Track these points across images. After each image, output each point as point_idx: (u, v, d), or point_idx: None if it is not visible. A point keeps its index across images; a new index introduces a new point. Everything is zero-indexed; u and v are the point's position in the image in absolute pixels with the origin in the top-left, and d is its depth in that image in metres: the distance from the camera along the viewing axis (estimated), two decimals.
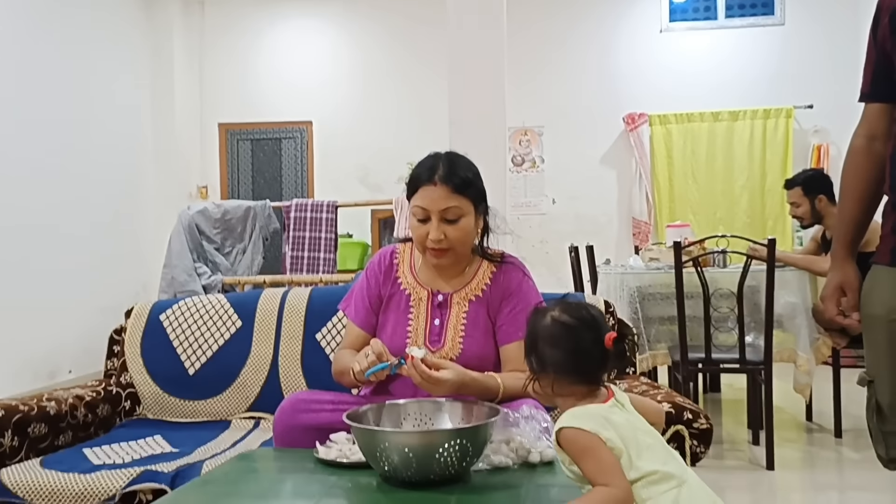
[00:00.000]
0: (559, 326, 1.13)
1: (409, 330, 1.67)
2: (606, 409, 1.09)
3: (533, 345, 1.14)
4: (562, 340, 1.12)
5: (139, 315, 2.29)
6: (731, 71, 5.88)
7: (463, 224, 1.61)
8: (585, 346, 1.11)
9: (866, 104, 1.46)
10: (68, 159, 4.85)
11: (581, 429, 1.04)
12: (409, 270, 1.74)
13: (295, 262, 4.54)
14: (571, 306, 1.15)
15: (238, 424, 2.10)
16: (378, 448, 1.17)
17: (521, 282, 1.69)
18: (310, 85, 6.38)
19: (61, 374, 4.67)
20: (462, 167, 1.62)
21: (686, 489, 1.05)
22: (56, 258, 4.68)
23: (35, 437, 1.85)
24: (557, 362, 1.11)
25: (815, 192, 3.46)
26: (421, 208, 1.60)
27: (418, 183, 1.61)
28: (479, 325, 1.65)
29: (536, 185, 6.19)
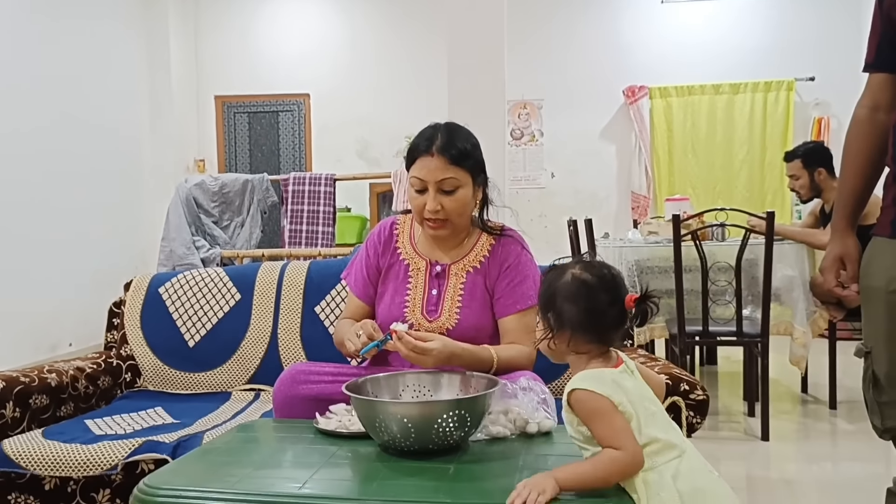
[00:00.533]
0: (580, 284, 1.13)
1: (406, 300, 1.68)
2: (617, 373, 1.11)
3: (551, 301, 1.14)
4: (582, 298, 1.12)
5: (138, 288, 2.29)
6: (732, 43, 5.82)
7: (460, 195, 1.60)
8: (605, 305, 1.12)
9: (870, 74, 1.44)
10: (64, 132, 4.82)
11: (593, 391, 1.05)
12: (408, 241, 1.75)
13: (293, 236, 4.53)
14: (592, 265, 1.16)
15: (238, 396, 2.12)
16: (377, 418, 1.18)
17: (520, 255, 1.69)
18: (307, 57, 6.31)
19: (62, 346, 4.69)
20: (460, 138, 1.62)
21: (686, 460, 1.07)
22: (54, 231, 4.67)
23: (36, 408, 1.86)
24: (575, 319, 1.12)
25: (815, 165, 3.45)
26: (418, 179, 1.60)
27: (416, 153, 1.61)
28: (476, 296, 1.66)
29: (535, 158, 6.16)
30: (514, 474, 1.11)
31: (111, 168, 5.32)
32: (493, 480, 1.10)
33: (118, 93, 5.46)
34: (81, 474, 1.62)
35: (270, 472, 1.18)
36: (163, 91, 5.89)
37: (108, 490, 1.67)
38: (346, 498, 1.07)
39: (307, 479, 1.12)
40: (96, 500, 1.68)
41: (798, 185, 3.52)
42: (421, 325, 1.64)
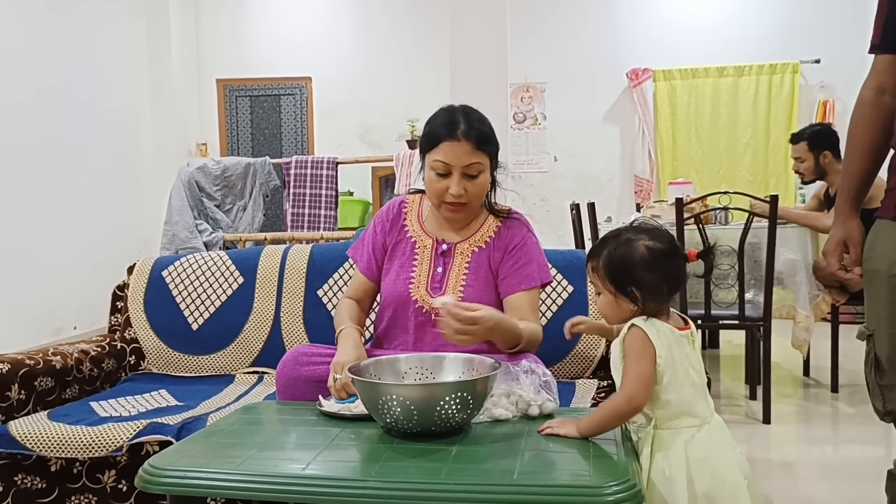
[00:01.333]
0: (657, 252, 1.20)
1: (412, 276, 1.70)
2: (679, 335, 1.19)
3: (627, 272, 1.19)
4: (660, 265, 1.19)
5: (141, 271, 2.30)
6: (736, 25, 5.76)
7: (481, 179, 1.63)
8: (681, 267, 1.22)
9: (876, 56, 1.43)
10: (66, 116, 4.81)
11: (647, 335, 1.15)
12: (416, 220, 1.77)
13: (296, 219, 4.53)
14: (657, 233, 1.23)
15: (242, 379, 2.13)
16: (380, 401, 1.19)
17: (525, 237, 1.71)
18: (309, 40, 6.27)
19: (66, 330, 4.71)
20: (481, 122, 1.63)
21: (706, 431, 1.15)
22: (57, 216, 4.67)
23: (42, 390, 1.87)
24: (655, 286, 1.18)
25: (821, 148, 3.43)
26: (443, 163, 1.60)
27: (439, 137, 1.60)
28: (481, 275, 1.68)
29: (538, 142, 6.14)
30: (516, 456, 1.12)
31: (113, 152, 5.31)
32: (495, 462, 1.11)
33: (119, 76, 5.43)
34: (87, 455, 1.63)
35: (274, 453, 1.19)
36: (164, 75, 5.86)
37: (114, 471, 1.69)
38: (350, 479, 1.07)
39: (310, 460, 1.13)
40: (102, 481, 1.70)
41: (803, 167, 3.50)
42: (425, 301, 1.66)
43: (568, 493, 1.00)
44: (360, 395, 1.25)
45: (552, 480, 1.04)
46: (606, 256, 1.22)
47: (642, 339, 1.15)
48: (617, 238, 1.23)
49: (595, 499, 0.98)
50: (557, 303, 2.07)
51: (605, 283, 1.22)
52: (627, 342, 1.17)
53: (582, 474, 1.05)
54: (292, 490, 1.06)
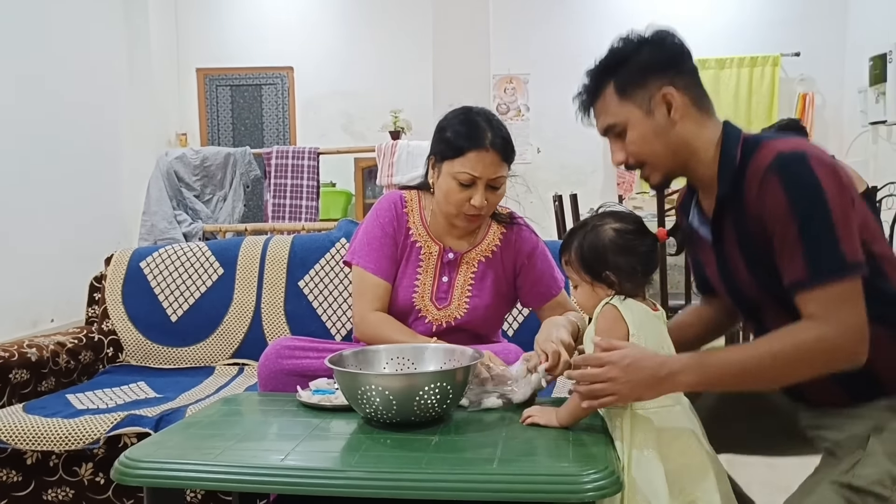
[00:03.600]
0: (626, 234, 1.18)
1: (416, 284, 1.64)
2: (653, 315, 1.18)
3: (601, 259, 1.18)
4: (631, 246, 1.18)
5: (119, 262, 2.26)
6: (718, 18, 5.79)
7: (502, 190, 1.59)
8: (652, 245, 1.20)
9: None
10: (43, 106, 4.71)
11: (621, 314, 1.14)
12: (420, 223, 1.67)
13: (277, 210, 4.50)
14: (621, 215, 1.22)
15: (222, 371, 2.11)
16: (359, 390, 1.18)
17: (537, 244, 1.69)
18: (291, 30, 6.20)
19: (43, 322, 4.64)
20: (504, 129, 1.58)
21: (679, 410, 1.15)
22: (33, 205, 4.59)
23: (17, 383, 1.85)
24: (629, 268, 1.17)
25: None
26: (470, 175, 1.51)
27: (464, 147, 1.52)
28: (487, 286, 1.64)
29: (521, 133, 6.13)
30: (496, 445, 1.12)
31: (90, 141, 5.22)
32: (475, 451, 1.11)
33: (96, 65, 5.34)
34: (63, 448, 1.61)
35: (253, 444, 1.18)
36: (143, 63, 5.76)
37: (91, 464, 1.67)
38: (329, 469, 1.07)
39: (290, 450, 1.12)
40: (79, 474, 1.68)
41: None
42: (429, 312, 1.62)
43: (547, 480, 1.00)
44: (340, 385, 1.25)
45: (532, 469, 1.04)
46: (577, 247, 1.21)
47: (615, 317, 1.15)
48: (584, 227, 1.22)
49: (574, 486, 0.98)
50: None
51: (580, 274, 1.22)
52: (600, 320, 1.16)
53: (561, 462, 1.05)
54: (271, 481, 1.05)
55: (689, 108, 1.18)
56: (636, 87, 1.19)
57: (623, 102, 1.20)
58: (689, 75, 1.21)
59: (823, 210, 1.03)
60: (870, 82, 4.85)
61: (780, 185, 1.06)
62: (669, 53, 1.21)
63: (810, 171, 1.05)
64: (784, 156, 1.07)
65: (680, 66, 1.21)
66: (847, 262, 1.04)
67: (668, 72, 1.19)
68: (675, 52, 1.22)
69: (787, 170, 1.06)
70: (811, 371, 1.07)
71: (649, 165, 1.22)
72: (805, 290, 1.06)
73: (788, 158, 1.07)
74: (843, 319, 1.03)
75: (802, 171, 1.05)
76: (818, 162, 1.06)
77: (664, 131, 1.18)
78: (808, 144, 1.11)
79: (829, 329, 1.04)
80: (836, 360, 1.06)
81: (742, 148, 1.16)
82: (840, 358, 1.05)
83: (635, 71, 1.20)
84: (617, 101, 1.21)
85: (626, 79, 1.20)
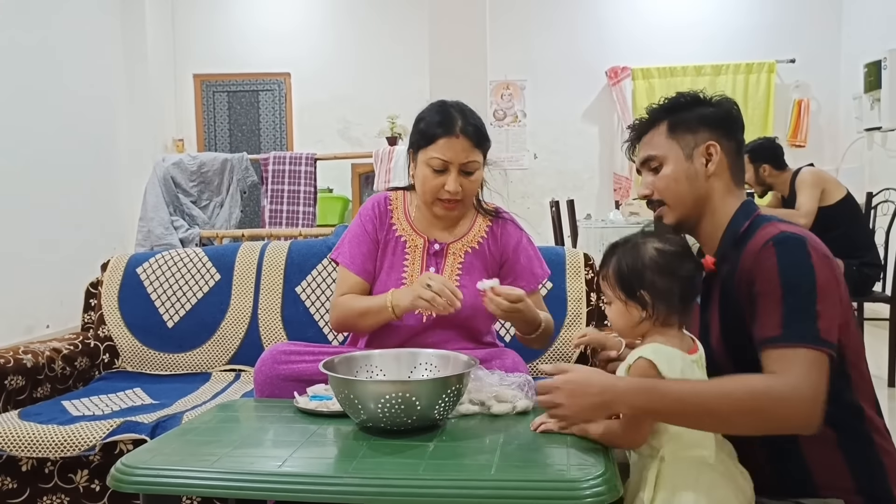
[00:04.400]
0: (668, 255, 1.15)
1: (403, 276, 1.67)
2: (689, 361, 1.13)
3: (638, 277, 1.14)
4: (674, 268, 1.14)
5: (115, 268, 2.26)
6: (714, 24, 5.82)
7: (477, 176, 1.63)
8: (693, 271, 1.16)
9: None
10: (40, 112, 4.71)
11: (656, 366, 1.09)
12: (404, 217, 1.72)
13: (274, 216, 4.50)
14: (667, 236, 1.19)
15: (218, 377, 2.11)
16: (353, 397, 1.18)
17: (520, 237, 1.73)
18: (288, 36, 6.21)
19: (38, 328, 4.63)
20: (477, 118, 1.63)
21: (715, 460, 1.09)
22: (29, 211, 4.58)
23: (12, 389, 1.84)
24: (667, 290, 1.13)
25: (760, 161, 3.55)
26: (441, 160, 1.58)
27: (435, 134, 1.58)
28: (474, 275, 1.66)
29: (518, 139, 6.15)
30: (494, 451, 1.12)
31: (88, 147, 5.22)
32: (472, 457, 1.11)
33: (94, 71, 5.34)
34: (59, 455, 1.60)
35: (250, 450, 1.17)
36: (140, 69, 5.76)
37: (87, 471, 1.66)
38: (326, 475, 1.06)
39: (287, 457, 1.11)
40: (74, 481, 1.67)
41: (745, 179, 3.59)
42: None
43: (546, 487, 1.00)
44: (334, 390, 1.24)
45: (530, 475, 1.03)
46: (615, 262, 1.18)
47: (649, 372, 1.09)
48: (626, 243, 1.19)
49: (573, 493, 0.98)
50: None
51: (614, 290, 1.17)
52: (633, 375, 1.11)
53: (559, 469, 1.05)
54: (268, 488, 1.05)
55: (725, 170, 1.26)
56: (686, 132, 1.26)
57: (669, 140, 1.27)
58: (735, 143, 1.28)
59: (810, 287, 1.07)
60: (865, 89, 4.87)
61: (776, 255, 1.10)
62: (727, 117, 1.29)
63: (806, 253, 1.09)
64: (786, 234, 1.12)
65: (732, 131, 1.28)
66: (820, 336, 1.05)
67: (718, 130, 1.26)
68: (732, 118, 1.29)
69: (785, 245, 1.11)
70: (757, 422, 1.05)
71: (669, 206, 1.28)
72: (773, 346, 1.07)
73: (789, 237, 1.11)
74: (801, 381, 1.03)
75: (799, 251, 1.10)
76: (816, 250, 1.11)
77: (695, 178, 1.25)
78: (815, 238, 1.14)
79: (786, 385, 1.04)
80: (783, 418, 1.04)
81: (751, 221, 1.21)
82: (789, 416, 1.03)
83: (692, 117, 1.27)
84: (665, 136, 1.28)
85: (680, 121, 1.27)
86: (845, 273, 3.13)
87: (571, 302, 2.07)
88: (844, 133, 5.46)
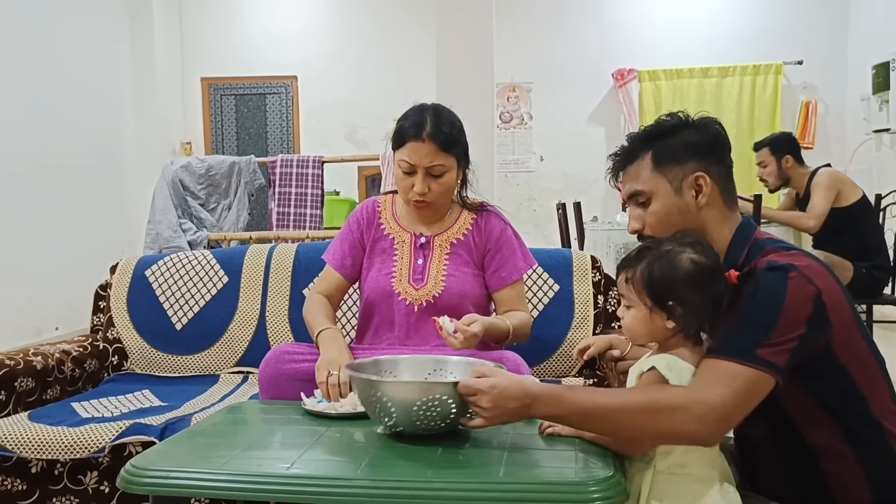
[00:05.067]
0: (705, 269, 1.10)
1: (393, 269, 1.73)
2: None
3: (669, 288, 1.10)
4: (707, 284, 1.10)
5: (124, 270, 2.27)
6: (721, 26, 5.80)
7: (446, 179, 1.67)
8: (724, 289, 1.12)
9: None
10: (48, 115, 4.74)
11: (667, 381, 1.08)
12: (391, 217, 1.80)
13: (281, 219, 4.51)
14: (704, 247, 1.14)
15: (226, 379, 2.12)
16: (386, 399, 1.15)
17: (504, 229, 1.76)
18: (295, 39, 6.24)
19: (48, 330, 4.65)
20: (448, 123, 1.66)
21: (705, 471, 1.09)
22: (38, 214, 4.61)
23: (22, 391, 1.85)
24: (699, 305, 1.09)
25: (782, 153, 3.52)
26: (408, 163, 1.65)
27: (405, 137, 1.65)
28: (461, 265, 1.72)
29: (524, 142, 6.15)
30: (502, 454, 1.12)
31: (96, 151, 5.25)
32: (480, 460, 1.11)
33: (101, 74, 5.37)
34: (68, 457, 1.61)
35: (258, 452, 1.18)
36: (148, 73, 5.79)
37: (96, 472, 1.67)
38: (335, 478, 1.07)
39: (295, 459, 1.12)
40: (84, 483, 1.68)
41: (766, 172, 3.60)
42: (408, 293, 1.69)
43: (553, 489, 1.00)
44: (360, 394, 1.23)
45: (538, 478, 1.04)
46: (645, 267, 1.12)
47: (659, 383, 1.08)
48: (658, 248, 1.13)
49: (580, 496, 0.98)
50: (544, 301, 2.07)
51: (640, 296, 1.12)
52: (643, 385, 1.11)
53: (567, 471, 1.05)
54: (276, 490, 1.05)
55: (717, 198, 1.22)
56: (673, 162, 1.22)
57: (656, 173, 1.22)
58: (724, 167, 1.25)
59: (771, 313, 1.05)
60: (873, 90, 4.85)
61: (755, 283, 1.09)
62: (712, 141, 1.25)
63: (784, 282, 1.07)
64: (772, 264, 1.10)
65: (719, 156, 1.25)
66: (756, 354, 1.04)
67: (706, 158, 1.22)
68: (718, 141, 1.25)
69: (766, 273, 1.09)
70: (652, 427, 1.06)
71: None
72: (707, 356, 1.09)
73: (775, 266, 1.10)
74: (707, 391, 1.03)
75: (778, 280, 1.08)
76: (799, 280, 1.07)
77: (687, 212, 1.21)
78: (806, 263, 1.10)
79: (689, 395, 1.04)
80: (677, 425, 1.03)
81: (748, 251, 1.18)
82: (682, 423, 1.03)
83: (677, 146, 1.22)
84: (650, 169, 1.23)
85: (665, 151, 1.23)
86: (854, 276, 3.16)
87: (579, 304, 2.06)
88: (852, 135, 5.43)
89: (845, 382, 1.10)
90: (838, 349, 1.10)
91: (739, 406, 1.04)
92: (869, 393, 1.13)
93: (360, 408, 1.33)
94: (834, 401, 1.11)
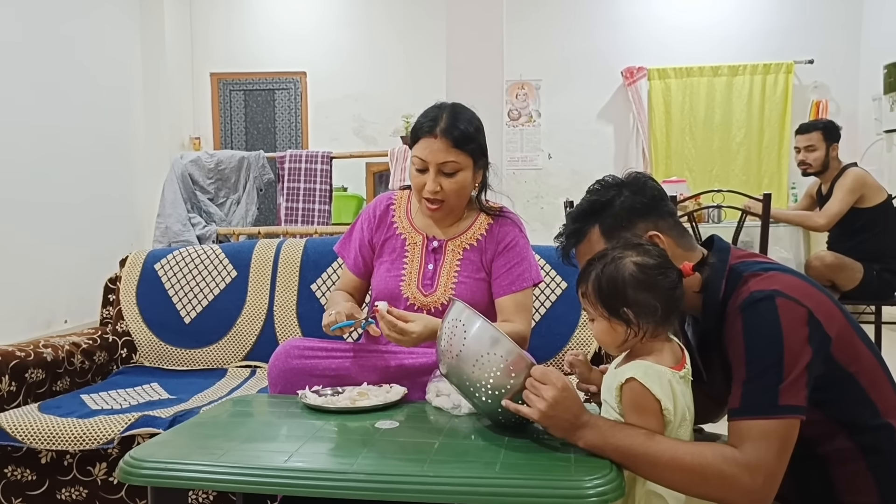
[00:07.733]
0: (648, 269, 1.11)
1: (402, 273, 1.70)
2: (678, 377, 1.11)
3: (620, 295, 1.10)
4: (652, 282, 1.10)
5: (134, 264, 2.29)
6: (731, 25, 5.77)
7: (459, 178, 1.63)
8: (676, 282, 1.12)
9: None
10: (59, 109, 4.78)
11: (649, 390, 1.07)
12: (405, 216, 1.76)
13: (290, 214, 4.53)
14: (644, 248, 1.14)
15: (234, 373, 2.13)
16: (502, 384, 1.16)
17: (517, 237, 1.71)
18: (304, 35, 6.25)
19: (57, 323, 4.69)
20: (464, 120, 1.63)
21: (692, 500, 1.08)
22: (49, 207, 4.65)
23: (32, 382, 1.87)
24: (650, 305, 1.10)
25: (833, 140, 3.44)
26: (420, 159, 1.62)
27: (419, 133, 1.63)
28: (472, 272, 1.68)
29: (533, 139, 6.14)
30: (499, 449, 1.12)
31: (105, 144, 5.29)
32: (477, 455, 1.12)
33: (111, 69, 5.40)
34: (78, 448, 1.63)
35: (257, 445, 1.19)
36: (157, 68, 5.82)
37: (105, 464, 1.69)
38: (331, 471, 1.07)
39: (293, 452, 1.13)
40: (92, 474, 1.70)
41: (812, 156, 3.45)
42: (416, 298, 1.66)
43: (550, 485, 1.01)
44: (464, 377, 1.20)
45: (534, 473, 1.04)
46: (594, 279, 1.13)
47: (643, 394, 1.08)
48: (603, 258, 1.14)
49: (577, 491, 0.98)
50: (551, 299, 2.08)
51: (596, 308, 1.14)
52: (625, 397, 1.10)
53: (564, 467, 1.06)
54: (274, 482, 1.06)
55: (675, 248, 1.21)
56: (622, 230, 1.21)
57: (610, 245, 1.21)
58: (669, 217, 1.24)
59: (774, 350, 1.05)
60: (884, 90, 4.82)
61: (742, 325, 1.08)
62: (650, 197, 1.24)
63: (774, 314, 1.06)
64: (754, 296, 1.09)
65: (661, 209, 1.24)
66: (779, 404, 1.04)
67: (650, 215, 1.22)
68: (656, 196, 1.25)
69: (750, 310, 1.09)
70: (701, 491, 1.06)
71: None
72: (734, 418, 1.08)
73: (757, 299, 1.08)
74: (753, 455, 1.03)
75: (767, 313, 1.07)
76: (787, 305, 1.07)
77: None
78: (787, 283, 1.10)
79: (735, 461, 1.04)
80: (729, 491, 1.03)
81: (726, 281, 1.17)
82: (736, 491, 1.03)
83: (620, 215, 1.22)
84: (604, 244, 1.22)
85: (612, 222, 1.23)
86: (865, 277, 3.13)
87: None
88: (863, 135, 5.40)
89: (855, 391, 1.10)
90: (842, 358, 1.10)
91: (782, 460, 1.04)
92: (877, 396, 1.13)
93: (359, 403, 1.36)
94: (844, 412, 1.12)
